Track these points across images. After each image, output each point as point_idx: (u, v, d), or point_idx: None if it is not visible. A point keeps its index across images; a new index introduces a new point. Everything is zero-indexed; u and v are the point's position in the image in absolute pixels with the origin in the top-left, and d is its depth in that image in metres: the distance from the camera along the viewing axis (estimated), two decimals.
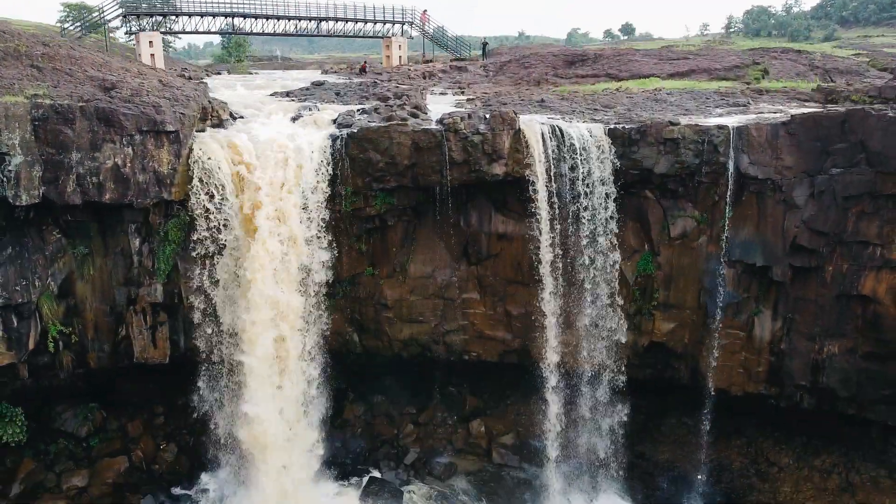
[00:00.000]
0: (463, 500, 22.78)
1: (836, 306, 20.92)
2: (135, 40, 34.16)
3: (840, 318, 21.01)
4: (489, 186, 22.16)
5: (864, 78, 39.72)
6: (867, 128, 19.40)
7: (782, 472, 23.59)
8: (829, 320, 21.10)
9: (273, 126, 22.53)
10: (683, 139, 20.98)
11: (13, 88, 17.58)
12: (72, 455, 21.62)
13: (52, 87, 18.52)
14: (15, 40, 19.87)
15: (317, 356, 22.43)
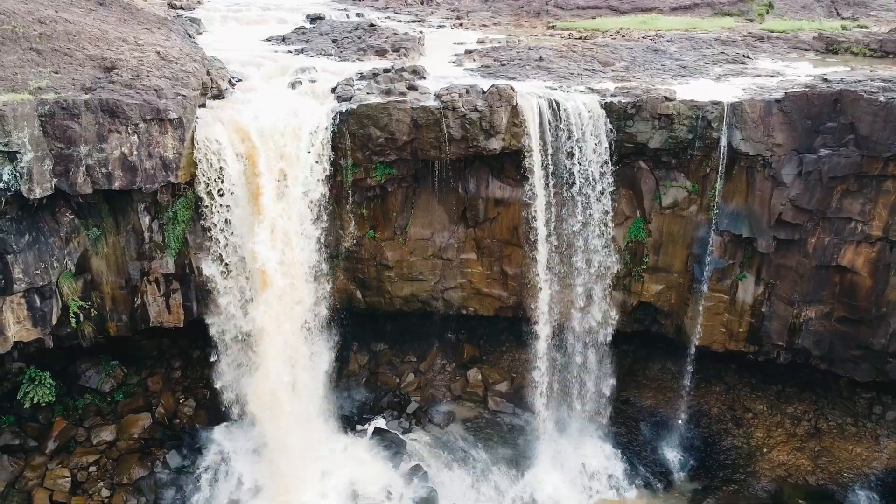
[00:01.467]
0: (461, 446, 24.78)
1: (816, 275, 22.03)
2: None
3: (818, 286, 22.18)
4: (487, 156, 22.68)
5: (870, 11, 39.04)
6: (857, 111, 19.78)
7: (756, 419, 25.54)
8: (807, 287, 22.28)
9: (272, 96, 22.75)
10: (678, 115, 21.32)
11: (17, 81, 17.79)
12: (98, 410, 23.35)
13: (53, 74, 18.69)
14: (11, 21, 19.71)
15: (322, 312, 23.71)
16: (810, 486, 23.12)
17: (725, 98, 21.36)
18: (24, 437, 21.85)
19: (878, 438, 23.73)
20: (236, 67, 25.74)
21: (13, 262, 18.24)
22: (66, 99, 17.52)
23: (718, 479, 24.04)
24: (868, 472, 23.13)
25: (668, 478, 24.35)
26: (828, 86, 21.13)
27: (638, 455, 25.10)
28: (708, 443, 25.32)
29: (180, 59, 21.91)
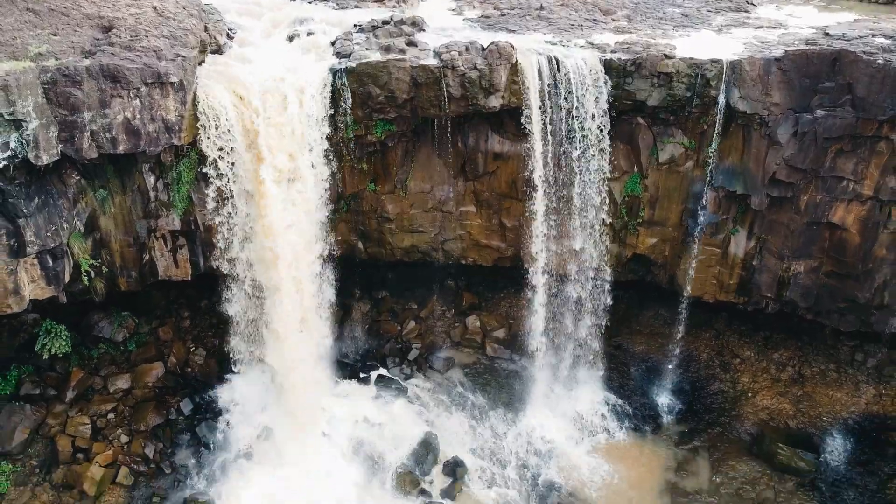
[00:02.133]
0: (460, 392, 25.97)
1: (806, 231, 22.58)
2: None
3: (808, 242, 22.76)
4: (487, 113, 22.81)
5: None
6: (855, 72, 19.83)
7: (743, 364, 26.65)
8: (797, 243, 22.87)
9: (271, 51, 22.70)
10: (677, 73, 21.36)
11: (17, 46, 17.81)
12: (113, 360, 24.35)
13: (52, 37, 18.67)
14: None
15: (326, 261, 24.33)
16: (790, 429, 24.40)
17: (725, 56, 21.33)
18: (44, 386, 22.92)
19: (858, 385, 24.87)
20: (233, 17, 25.51)
21: (25, 226, 18.71)
22: (68, 66, 17.59)
23: (704, 423, 25.35)
24: (846, 417, 24.38)
25: (656, 421, 25.65)
26: (828, 44, 21.06)
27: (629, 399, 26.35)
28: (696, 387, 26.52)
29: (177, 14, 21.67)
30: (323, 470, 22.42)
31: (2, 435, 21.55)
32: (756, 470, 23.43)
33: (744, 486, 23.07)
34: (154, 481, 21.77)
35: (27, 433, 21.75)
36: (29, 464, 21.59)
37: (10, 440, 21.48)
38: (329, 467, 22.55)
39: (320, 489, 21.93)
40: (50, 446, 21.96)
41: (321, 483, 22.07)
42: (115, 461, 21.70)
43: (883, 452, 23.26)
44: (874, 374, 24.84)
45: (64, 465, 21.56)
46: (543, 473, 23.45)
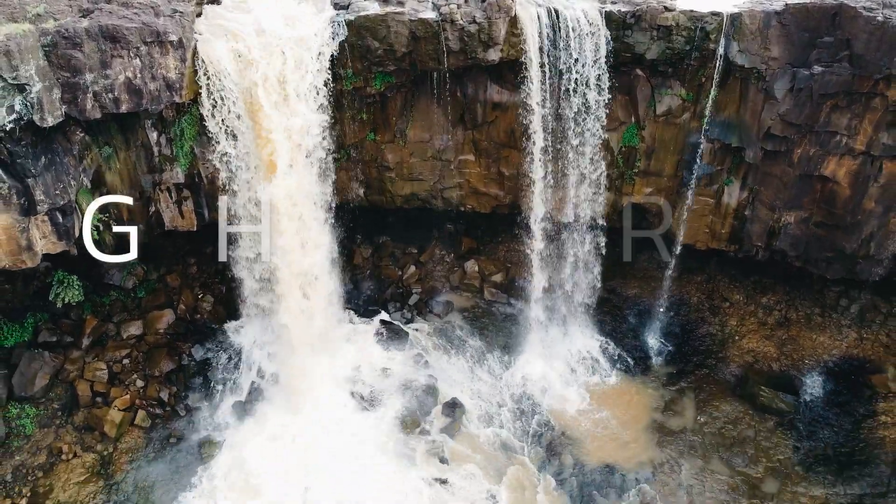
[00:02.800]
0: (459, 335, 27.03)
1: (798, 183, 23.05)
2: None
3: (799, 193, 23.27)
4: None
5: None
6: (854, 28, 19.81)
7: (732, 308, 27.61)
8: (789, 194, 23.38)
9: None
10: (677, 26, 21.31)
11: (14, 6, 17.77)
12: (124, 306, 25.23)
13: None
14: None
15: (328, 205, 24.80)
16: (773, 371, 25.57)
17: (725, 8, 21.20)
18: (60, 333, 23.86)
19: (840, 328, 25.88)
20: None
21: (34, 186, 19.12)
22: (67, 28, 17.60)
23: (692, 364, 26.51)
24: (827, 360, 25.51)
25: (646, 363, 26.81)
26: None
27: (621, 342, 27.44)
28: (686, 330, 27.56)
29: None
30: (327, 412, 23.73)
31: (24, 381, 22.66)
32: (739, 410, 24.75)
33: (726, 425, 24.43)
34: (170, 423, 23.07)
35: (47, 379, 22.86)
36: (51, 407, 22.81)
37: (32, 385, 22.61)
38: (333, 409, 23.85)
39: (325, 430, 23.27)
40: (70, 391, 23.13)
41: (326, 425, 23.39)
42: (133, 405, 22.94)
43: (860, 394, 24.50)
44: (857, 318, 25.81)
45: (84, 409, 22.80)
46: (537, 414, 24.76)
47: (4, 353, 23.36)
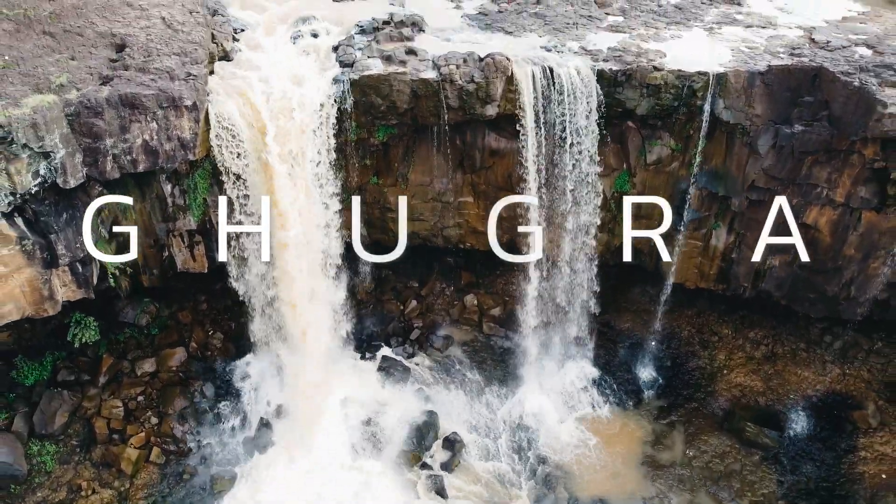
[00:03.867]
0: (458, 369, 28.13)
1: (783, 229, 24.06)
2: None
3: None
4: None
5: None
6: (833, 91, 20.90)
7: (721, 341, 28.68)
8: None
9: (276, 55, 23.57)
10: (665, 84, 22.37)
11: (39, 76, 18.85)
12: (138, 344, 26.35)
13: (70, 61, 19.67)
14: (23, 4, 20.24)
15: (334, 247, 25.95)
16: (759, 406, 26.62)
17: (711, 68, 22.25)
18: (78, 371, 24.97)
19: (824, 364, 26.95)
20: (237, 11, 26.18)
21: (56, 241, 20.23)
22: (89, 98, 18.69)
23: (682, 398, 27.61)
24: (811, 394, 26.59)
25: (638, 395, 27.90)
26: (811, 56, 22.01)
27: (614, 375, 28.52)
28: (676, 363, 28.63)
29: (185, 24, 22.50)
30: (333, 447, 24.86)
31: (44, 419, 23.81)
32: (726, 444, 25.85)
33: (713, 459, 25.55)
34: (183, 459, 24.17)
35: (66, 416, 24.00)
36: (70, 444, 23.95)
37: (52, 423, 23.75)
38: (339, 445, 24.97)
39: (331, 465, 24.42)
40: (87, 428, 24.24)
41: (332, 460, 24.53)
42: (148, 442, 24.04)
43: (842, 429, 25.58)
44: (840, 354, 26.85)
45: (101, 445, 23.91)
46: (534, 447, 25.89)
47: (25, 391, 24.52)
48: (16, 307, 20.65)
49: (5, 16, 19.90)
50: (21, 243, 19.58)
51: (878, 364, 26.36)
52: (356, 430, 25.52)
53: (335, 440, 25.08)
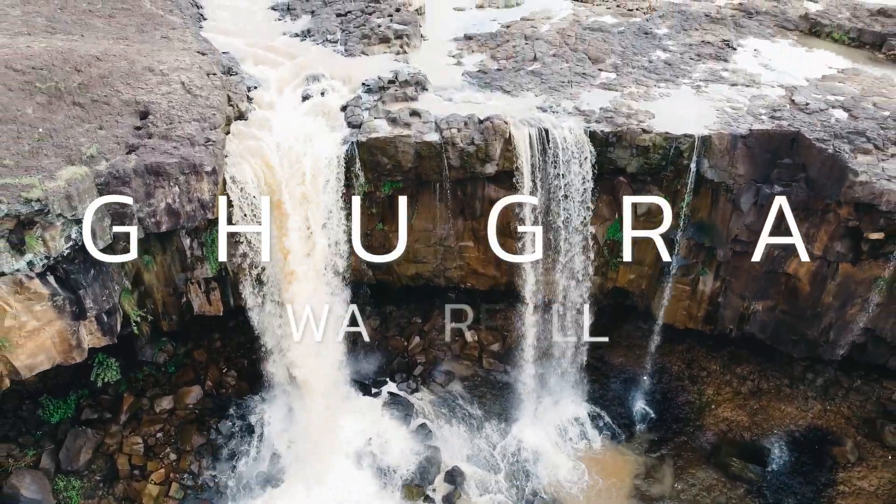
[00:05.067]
0: (459, 404, 29.60)
1: (765, 277, 25.58)
2: None
3: (766, 286, 25.81)
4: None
5: None
6: (809, 156, 22.39)
7: (709, 377, 30.12)
8: (757, 286, 25.92)
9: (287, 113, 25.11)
10: (654, 145, 23.84)
11: (71, 148, 20.33)
12: (157, 381, 27.87)
13: (98, 131, 21.18)
14: (53, 76, 21.72)
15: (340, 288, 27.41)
16: (744, 440, 28.07)
17: (697, 130, 23.72)
18: (101, 409, 26.50)
19: (807, 400, 28.38)
20: (250, 67, 27.71)
21: (84, 295, 21.71)
22: (118, 168, 20.18)
23: (672, 431, 29.08)
24: (794, 429, 28.03)
25: (630, 429, 29.38)
26: (790, 120, 23.49)
27: (607, 408, 30.00)
28: (667, 397, 30.09)
29: (203, 87, 23.99)
30: (341, 482, 26.36)
31: (70, 455, 25.33)
32: (713, 477, 27.32)
33: (701, 492, 27.02)
34: (200, 494, 25.67)
35: (90, 453, 25.52)
36: (93, 479, 25.46)
37: (77, 460, 25.27)
38: (346, 479, 26.47)
39: (339, 498, 25.91)
40: (110, 463, 25.76)
41: (340, 493, 26.03)
42: (168, 477, 25.56)
43: (822, 463, 27.01)
44: (821, 391, 28.28)
45: (123, 481, 25.43)
46: (530, 480, 27.38)
47: (51, 428, 26.05)
48: (47, 357, 22.18)
49: (39, 90, 21.39)
50: (53, 299, 21.05)
51: (857, 401, 27.79)
52: (363, 465, 27.02)
53: (343, 474, 26.58)
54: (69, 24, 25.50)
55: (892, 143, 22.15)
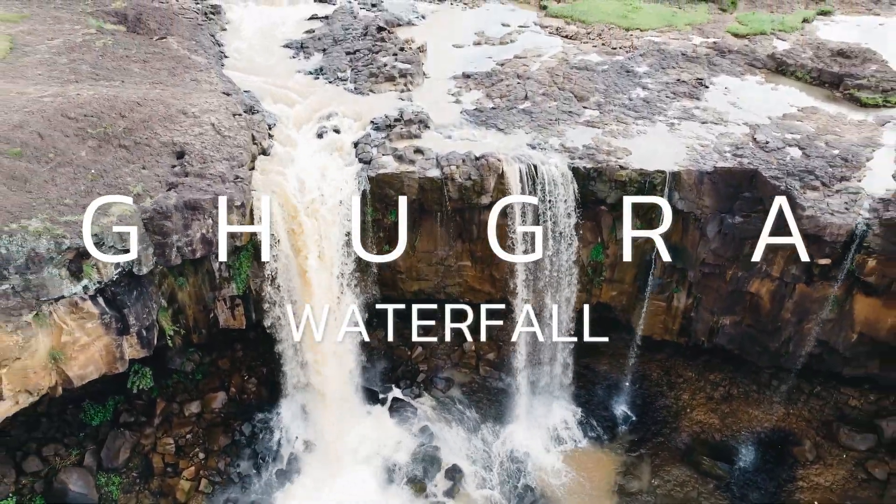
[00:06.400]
0: (458, 408, 32.65)
1: (731, 295, 28.62)
2: None
3: (732, 303, 28.84)
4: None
5: None
6: (765, 191, 25.45)
7: (685, 384, 33.18)
8: (724, 303, 28.96)
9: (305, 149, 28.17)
10: (630, 180, 26.89)
11: (120, 186, 23.35)
12: (185, 388, 30.89)
13: (142, 170, 24.23)
14: (101, 123, 24.75)
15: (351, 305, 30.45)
16: (715, 441, 31.14)
17: (668, 167, 26.75)
18: (136, 413, 29.52)
19: (772, 404, 31.42)
20: (269, 105, 30.73)
21: (128, 313, 24.76)
22: (160, 204, 23.21)
23: (650, 433, 32.10)
24: (759, 431, 31.07)
25: (613, 431, 32.40)
26: (749, 159, 26.55)
27: (592, 412, 33.03)
28: (646, 402, 33.12)
29: (231, 128, 27.05)
30: (352, 478, 29.41)
31: (110, 454, 28.36)
32: (686, 474, 30.34)
33: (675, 487, 30.04)
34: (226, 489, 28.70)
35: (128, 453, 28.55)
36: (131, 476, 28.50)
37: (117, 458, 28.30)
38: (357, 476, 29.52)
39: (350, 494, 28.95)
40: (145, 462, 28.79)
41: (351, 490, 29.06)
42: (198, 474, 28.60)
43: (784, 461, 30.04)
44: (785, 397, 31.30)
45: (158, 477, 28.48)
46: (522, 477, 30.42)
47: (92, 430, 29.09)
48: (95, 368, 25.22)
49: (90, 135, 24.42)
50: (102, 318, 24.11)
51: (816, 405, 30.86)
52: (371, 463, 30.08)
53: (353, 471, 29.64)
54: (110, 71, 28.56)
55: (837, 181, 25.26)
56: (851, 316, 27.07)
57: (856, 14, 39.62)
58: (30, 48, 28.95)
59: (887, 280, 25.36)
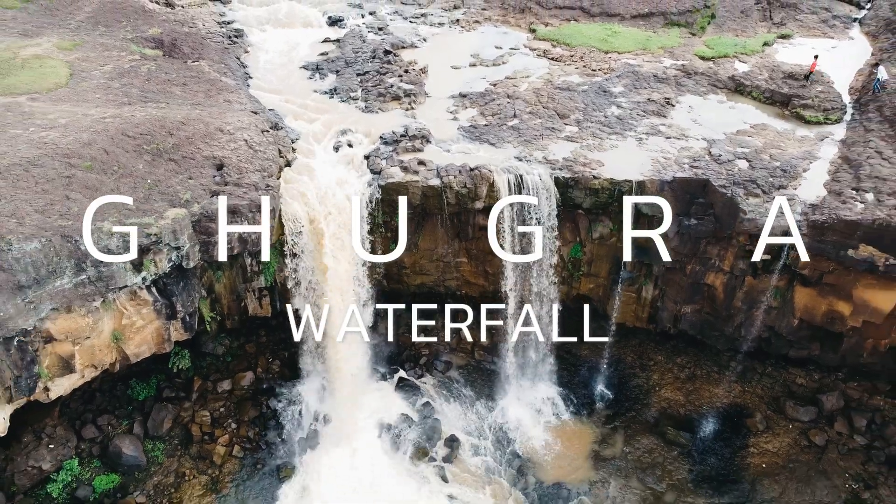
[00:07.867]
0: (456, 387, 37.18)
1: (690, 287, 33.23)
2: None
3: (692, 293, 33.45)
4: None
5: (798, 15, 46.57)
6: (715, 198, 30.05)
7: (656, 366, 37.72)
8: (686, 294, 33.57)
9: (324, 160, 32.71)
10: (602, 188, 31.44)
11: (172, 195, 27.88)
12: (217, 368, 35.43)
13: (189, 180, 28.73)
14: (154, 140, 29.24)
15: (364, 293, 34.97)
16: (680, 415, 35.66)
17: (634, 177, 31.28)
18: (176, 390, 34.07)
19: (730, 383, 35.96)
20: (291, 121, 35.29)
21: (175, 301, 29.34)
22: (207, 209, 27.73)
23: (624, 409, 36.60)
24: (719, 406, 35.62)
25: (591, 407, 36.90)
26: (703, 170, 31.12)
27: (574, 391, 37.54)
28: (622, 382, 37.63)
29: (261, 143, 31.61)
30: (364, 446, 33.93)
31: (155, 424, 32.89)
32: (653, 443, 34.84)
33: (643, 454, 34.55)
34: (256, 454, 33.20)
35: (170, 423, 33.08)
36: (173, 443, 33.00)
37: (161, 427, 32.82)
38: (368, 444, 34.03)
39: (364, 460, 33.46)
40: (185, 431, 33.29)
41: (364, 455, 33.58)
42: (231, 441, 33.11)
43: (738, 431, 34.56)
44: (741, 376, 35.84)
45: (197, 444, 32.97)
46: (511, 445, 34.93)
47: (139, 404, 33.61)
48: (147, 348, 29.78)
49: (145, 150, 28.95)
50: (154, 305, 28.68)
51: (768, 384, 35.43)
52: (382, 433, 34.60)
53: (366, 440, 34.15)
54: (156, 94, 33.10)
55: (775, 189, 29.82)
56: (792, 304, 31.72)
57: (812, 37, 44.17)
58: (86, 74, 33.45)
59: (818, 273, 29.98)
